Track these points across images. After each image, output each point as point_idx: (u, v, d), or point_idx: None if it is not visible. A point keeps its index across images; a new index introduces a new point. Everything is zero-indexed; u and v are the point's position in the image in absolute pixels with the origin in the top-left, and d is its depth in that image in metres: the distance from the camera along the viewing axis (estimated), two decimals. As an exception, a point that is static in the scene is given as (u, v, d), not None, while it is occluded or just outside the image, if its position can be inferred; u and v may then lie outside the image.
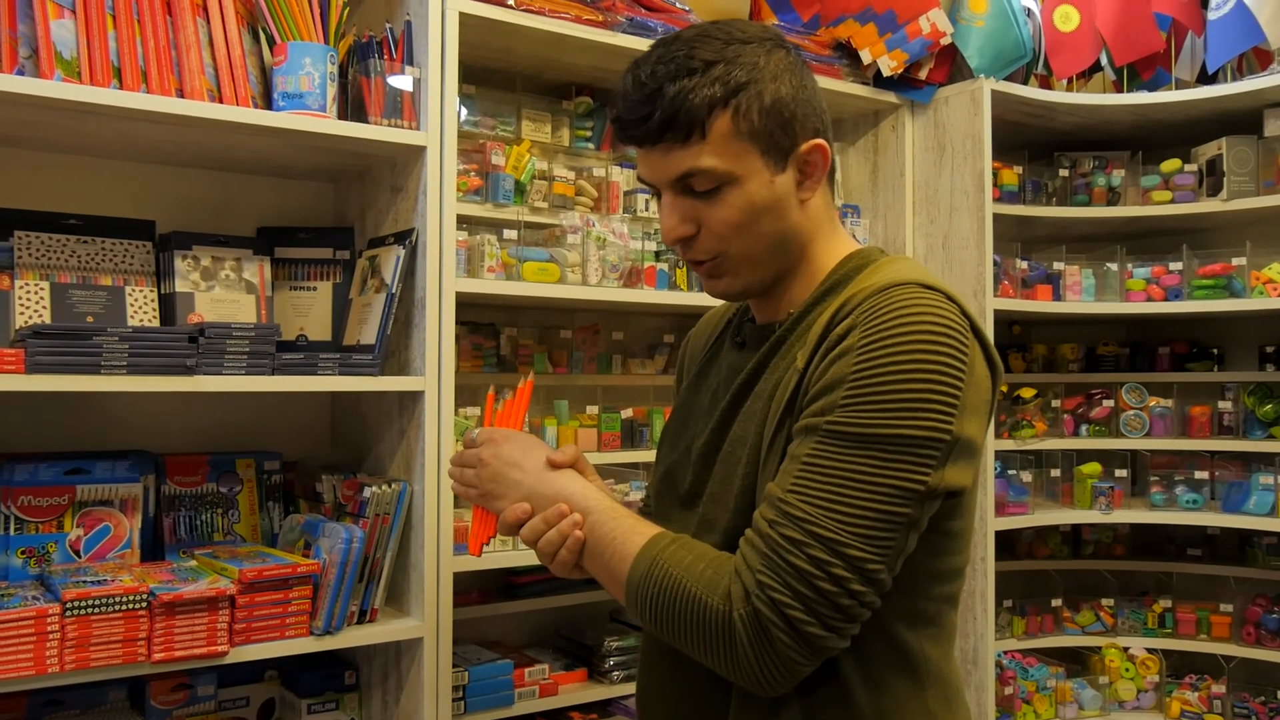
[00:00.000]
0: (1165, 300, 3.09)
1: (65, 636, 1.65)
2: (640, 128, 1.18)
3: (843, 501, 1.07)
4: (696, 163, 1.18)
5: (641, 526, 1.20)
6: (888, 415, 1.07)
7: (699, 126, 1.17)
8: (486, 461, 1.29)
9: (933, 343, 1.09)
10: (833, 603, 1.06)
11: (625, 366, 2.74)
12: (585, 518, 1.21)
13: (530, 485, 1.26)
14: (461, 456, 1.34)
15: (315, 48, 1.95)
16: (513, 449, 1.29)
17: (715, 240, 1.22)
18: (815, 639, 1.07)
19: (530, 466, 1.27)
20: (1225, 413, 3.13)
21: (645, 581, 1.14)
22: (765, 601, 1.06)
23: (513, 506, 1.25)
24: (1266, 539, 3.18)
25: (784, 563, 1.06)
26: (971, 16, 2.89)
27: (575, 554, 1.21)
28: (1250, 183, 3.00)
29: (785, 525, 1.07)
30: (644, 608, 1.15)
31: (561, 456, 1.28)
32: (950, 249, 2.85)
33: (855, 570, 1.06)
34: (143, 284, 2.03)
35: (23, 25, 1.73)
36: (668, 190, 1.22)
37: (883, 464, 1.07)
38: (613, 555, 1.18)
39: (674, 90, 1.16)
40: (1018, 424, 3.09)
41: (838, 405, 1.09)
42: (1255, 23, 2.88)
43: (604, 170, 2.57)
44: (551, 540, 1.21)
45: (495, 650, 2.39)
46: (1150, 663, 3.14)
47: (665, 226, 1.23)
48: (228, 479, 2.10)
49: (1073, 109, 3.07)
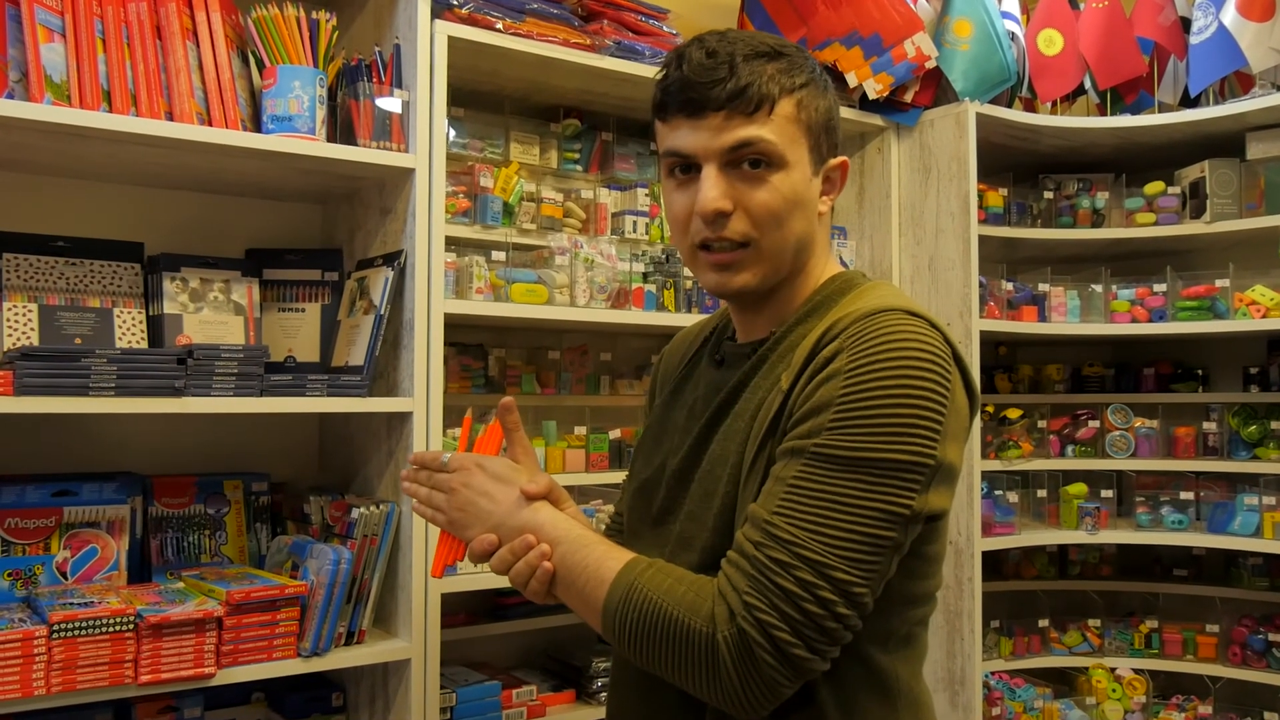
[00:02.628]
0: (1150, 321, 3.11)
1: (52, 659, 1.65)
2: (708, 91, 1.18)
3: (830, 524, 1.07)
4: (759, 134, 1.19)
5: (615, 552, 1.20)
6: (875, 439, 1.08)
7: (768, 103, 1.19)
8: (456, 490, 1.28)
9: (919, 369, 1.10)
10: (818, 625, 1.07)
11: (613, 387, 2.75)
12: (554, 548, 1.21)
13: (499, 516, 1.25)
14: (433, 479, 1.33)
15: (304, 71, 1.96)
16: (484, 479, 1.28)
17: (749, 224, 1.21)
18: (800, 660, 1.07)
19: (501, 497, 1.26)
20: (1210, 433, 3.15)
21: (623, 606, 1.14)
22: (751, 623, 1.07)
23: (481, 537, 1.25)
24: (1252, 559, 3.19)
25: (771, 584, 1.07)
26: (956, 40, 2.92)
27: (545, 584, 1.21)
28: (1233, 205, 3.03)
29: (772, 547, 1.08)
30: (622, 632, 1.15)
31: (534, 487, 1.26)
32: (936, 270, 2.87)
33: (841, 593, 1.07)
34: (131, 306, 2.03)
35: (13, 49, 1.74)
36: (712, 162, 1.20)
37: (869, 488, 1.08)
38: (586, 582, 1.18)
39: (748, 67, 1.19)
40: (1004, 444, 3.10)
41: (825, 428, 1.10)
42: (1236, 47, 2.91)
43: (592, 192, 2.59)
44: (520, 572, 1.21)
45: (483, 671, 2.38)
46: (1137, 683, 3.14)
47: (706, 198, 1.20)
48: (215, 500, 2.10)
49: (1057, 132, 3.10)
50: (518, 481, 1.27)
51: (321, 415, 2.40)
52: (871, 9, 2.80)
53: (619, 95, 2.56)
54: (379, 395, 2.11)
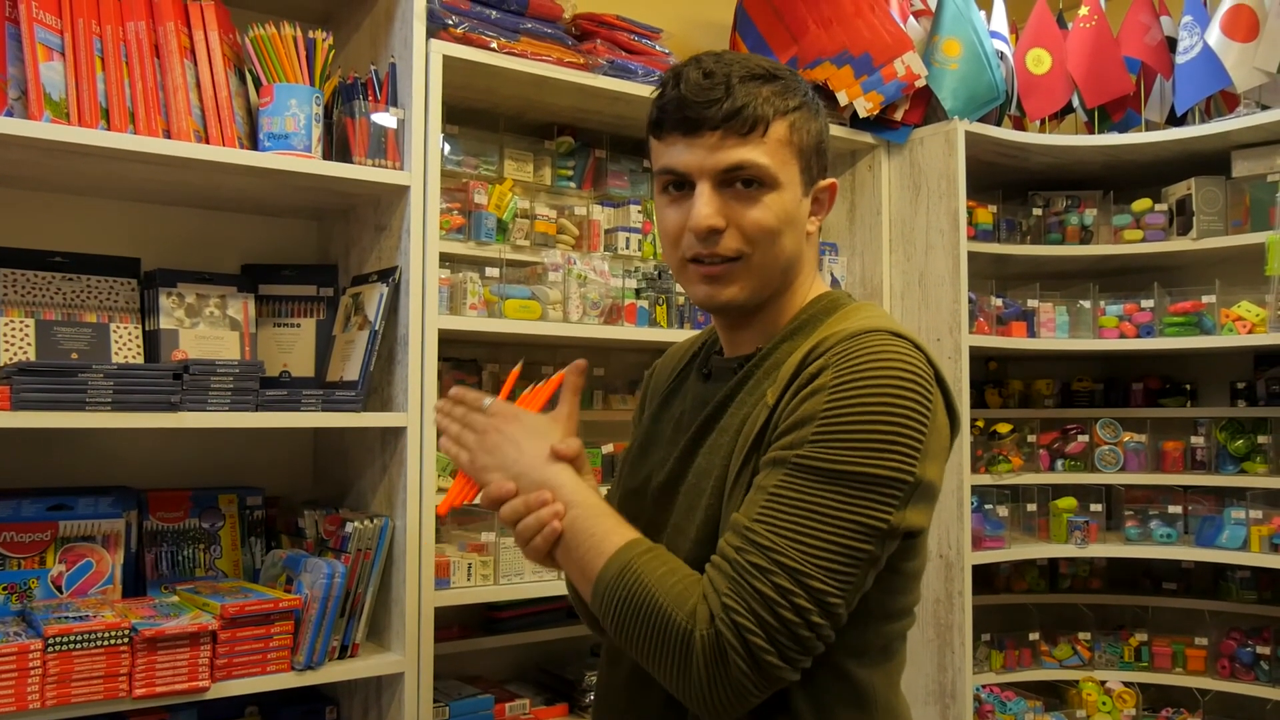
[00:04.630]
0: (1138, 337, 3.13)
1: (47, 672, 1.66)
2: (703, 111, 1.21)
3: (808, 534, 1.09)
4: (752, 156, 1.21)
5: (622, 529, 1.20)
6: (856, 453, 1.10)
7: (762, 124, 1.21)
8: (488, 431, 1.29)
9: (901, 388, 1.13)
10: (792, 633, 1.08)
11: (606, 402, 2.77)
12: (567, 510, 1.21)
13: (522, 467, 1.25)
14: (467, 417, 1.32)
15: (301, 89, 1.98)
16: (519, 429, 1.28)
17: (742, 240, 1.23)
18: (770, 668, 1.08)
19: (530, 449, 1.26)
20: (1198, 448, 3.17)
21: (616, 583, 1.15)
22: (729, 625, 1.08)
23: (498, 482, 1.25)
24: (1240, 573, 3.21)
25: (749, 588, 1.08)
26: (945, 60, 2.95)
27: (549, 543, 1.21)
28: (1219, 222, 3.06)
29: (751, 552, 1.10)
30: (609, 609, 1.16)
31: (565, 448, 1.26)
32: (926, 286, 2.89)
33: (816, 602, 1.08)
34: (127, 321, 2.05)
35: (12, 68, 1.76)
36: (706, 180, 1.23)
37: (848, 500, 1.10)
38: (587, 551, 1.19)
39: (744, 88, 1.21)
40: (994, 459, 3.12)
41: (808, 440, 1.12)
42: (1221, 67, 2.95)
43: (585, 209, 2.61)
44: (529, 525, 1.21)
45: (476, 685, 2.39)
46: (1127, 696, 3.16)
47: (700, 214, 1.22)
48: (210, 514, 2.11)
49: (1045, 149, 3.13)
50: (550, 439, 1.27)
51: (316, 430, 2.41)
52: (862, 29, 2.84)
53: (612, 113, 2.58)
54: (373, 410, 2.13)
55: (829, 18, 2.88)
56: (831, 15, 2.88)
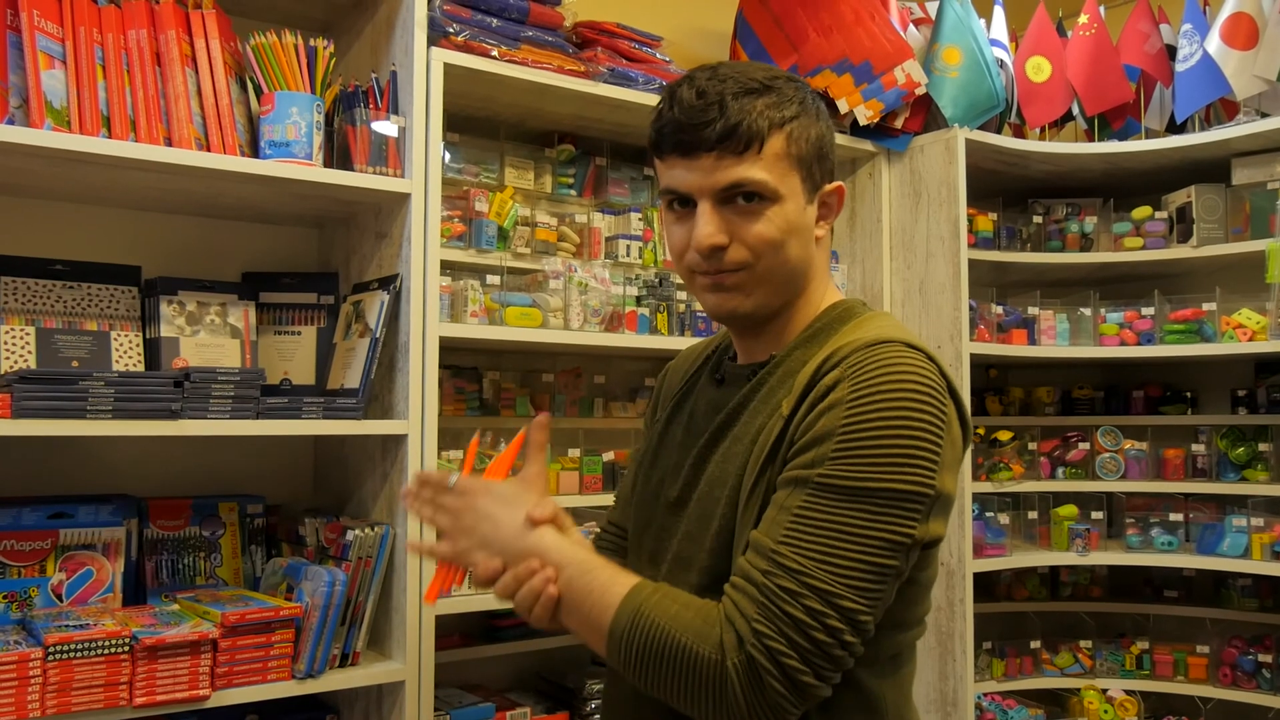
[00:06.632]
0: (1138, 344, 3.13)
1: (47, 681, 1.65)
2: (699, 133, 1.21)
3: (836, 554, 1.09)
4: (750, 174, 1.21)
5: (620, 576, 1.19)
6: (877, 470, 1.10)
7: (757, 141, 1.21)
8: (461, 512, 1.28)
9: (918, 401, 1.13)
10: (826, 653, 1.08)
11: (607, 409, 2.77)
12: (560, 572, 1.20)
13: (503, 540, 1.24)
14: (437, 500, 1.31)
15: (302, 97, 1.98)
16: (490, 502, 1.27)
17: (746, 253, 1.24)
18: (807, 687, 1.08)
19: (505, 520, 1.25)
20: (1199, 455, 3.17)
21: (630, 632, 1.14)
22: (761, 650, 1.08)
23: (484, 561, 1.23)
24: (1241, 581, 3.21)
25: (781, 613, 1.08)
26: (945, 67, 2.95)
27: (549, 610, 1.20)
28: (1219, 230, 3.06)
29: (780, 576, 1.09)
30: (628, 657, 1.15)
31: (540, 512, 1.25)
32: (927, 294, 2.89)
33: (848, 621, 1.08)
34: (128, 329, 2.04)
35: (14, 75, 1.76)
36: (706, 199, 1.23)
37: (873, 517, 1.10)
38: (592, 607, 1.18)
39: (737, 105, 1.21)
40: (995, 466, 3.12)
41: (828, 458, 1.12)
42: (1221, 75, 2.95)
43: (586, 216, 2.61)
44: (525, 597, 1.20)
45: (477, 693, 2.39)
46: (1129, 704, 3.15)
47: (701, 234, 1.23)
48: (210, 522, 2.11)
49: (1046, 157, 3.14)
50: (524, 505, 1.26)
51: (317, 438, 2.41)
52: (862, 37, 2.84)
53: (613, 121, 2.58)
54: (374, 418, 2.13)
55: (829, 26, 2.89)
56: (832, 23, 2.88)
